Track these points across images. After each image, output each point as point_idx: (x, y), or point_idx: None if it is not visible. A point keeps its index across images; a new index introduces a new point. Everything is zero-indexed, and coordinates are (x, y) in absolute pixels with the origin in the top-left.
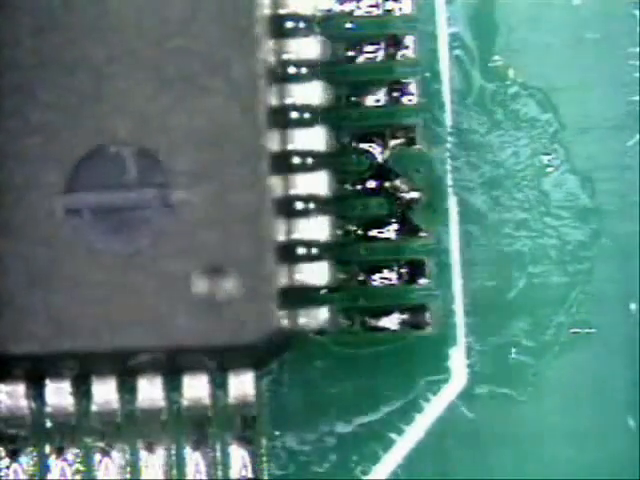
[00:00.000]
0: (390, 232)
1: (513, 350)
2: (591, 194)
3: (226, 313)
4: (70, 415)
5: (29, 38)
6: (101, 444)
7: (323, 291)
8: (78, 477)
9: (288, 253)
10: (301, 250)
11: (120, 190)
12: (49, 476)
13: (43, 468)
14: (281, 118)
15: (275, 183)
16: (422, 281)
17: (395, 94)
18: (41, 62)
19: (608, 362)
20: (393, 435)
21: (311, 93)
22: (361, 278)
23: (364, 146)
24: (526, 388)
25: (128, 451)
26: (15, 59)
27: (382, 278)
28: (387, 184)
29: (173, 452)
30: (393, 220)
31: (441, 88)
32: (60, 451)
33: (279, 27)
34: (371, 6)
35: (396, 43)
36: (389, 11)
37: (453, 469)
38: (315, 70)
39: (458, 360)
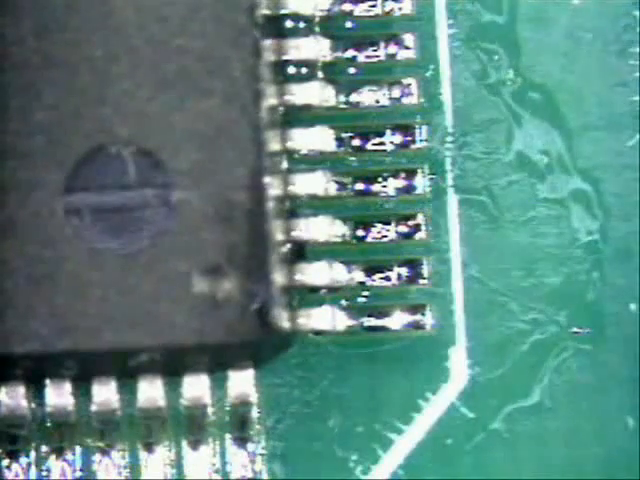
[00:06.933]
0: (390, 232)
1: (513, 350)
2: (591, 194)
3: (226, 313)
4: (70, 415)
5: (32, 38)
6: (101, 444)
7: (323, 291)
8: (78, 477)
9: (288, 253)
10: (301, 249)
11: (120, 190)
12: (49, 476)
13: (43, 468)
14: (281, 117)
15: (275, 183)
16: (422, 281)
17: (395, 94)
18: (43, 62)
19: (608, 362)
20: (393, 435)
21: (311, 93)
22: (361, 278)
23: (364, 146)
24: (526, 388)
25: (128, 451)
26: (18, 59)
27: (382, 278)
28: (387, 184)
29: (173, 452)
30: (393, 220)
31: (441, 88)
32: (60, 451)
33: (279, 27)
34: (371, 6)
35: (396, 43)
36: (389, 11)
37: (453, 469)
38: (315, 70)
39: (458, 360)
